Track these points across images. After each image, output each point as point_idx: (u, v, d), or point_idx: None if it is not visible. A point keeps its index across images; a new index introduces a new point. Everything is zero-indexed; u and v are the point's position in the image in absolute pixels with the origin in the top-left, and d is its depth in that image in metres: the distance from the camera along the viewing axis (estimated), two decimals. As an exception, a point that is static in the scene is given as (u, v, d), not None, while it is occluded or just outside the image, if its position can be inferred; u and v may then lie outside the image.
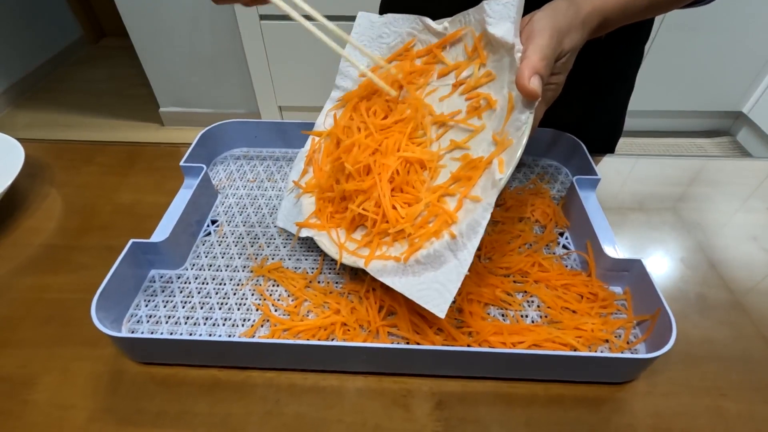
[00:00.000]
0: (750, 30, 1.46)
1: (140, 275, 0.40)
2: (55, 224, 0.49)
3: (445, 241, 0.34)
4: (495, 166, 0.34)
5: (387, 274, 0.35)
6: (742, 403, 0.34)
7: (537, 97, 0.31)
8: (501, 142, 0.34)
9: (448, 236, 0.34)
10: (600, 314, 0.38)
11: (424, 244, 0.35)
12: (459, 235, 0.33)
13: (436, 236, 0.35)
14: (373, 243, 0.37)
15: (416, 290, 0.33)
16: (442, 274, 0.33)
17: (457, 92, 0.40)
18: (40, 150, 0.59)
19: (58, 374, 0.36)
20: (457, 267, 0.32)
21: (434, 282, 0.33)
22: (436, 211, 0.35)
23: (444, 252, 0.33)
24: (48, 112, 1.99)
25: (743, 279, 0.43)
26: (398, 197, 0.37)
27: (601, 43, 0.53)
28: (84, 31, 2.43)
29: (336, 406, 0.34)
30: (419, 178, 0.38)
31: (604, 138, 0.62)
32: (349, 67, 0.46)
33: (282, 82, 1.60)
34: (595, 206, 0.44)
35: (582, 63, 0.55)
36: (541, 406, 0.34)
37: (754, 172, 0.56)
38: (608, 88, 0.58)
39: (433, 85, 0.42)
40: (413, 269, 0.35)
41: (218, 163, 0.55)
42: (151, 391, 0.35)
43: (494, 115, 0.37)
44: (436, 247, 0.34)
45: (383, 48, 0.44)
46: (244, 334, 0.37)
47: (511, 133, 0.33)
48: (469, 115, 0.38)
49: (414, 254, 0.35)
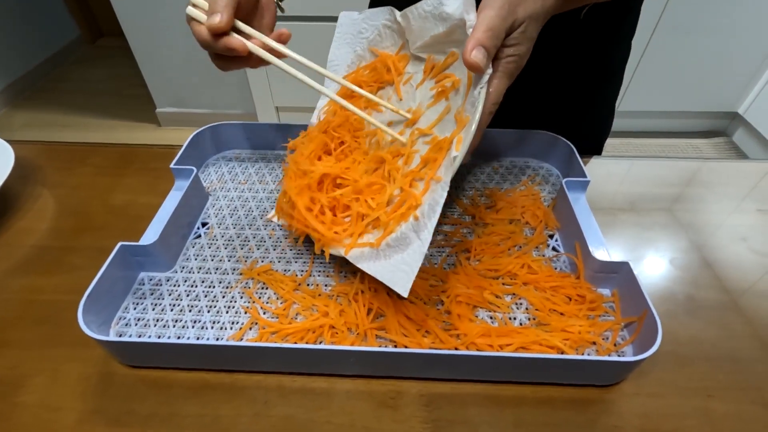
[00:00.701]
0: (746, 31, 1.46)
1: (129, 278, 0.41)
2: (47, 225, 0.49)
3: (410, 223, 0.35)
4: (454, 145, 0.34)
5: (364, 260, 0.36)
6: (730, 404, 0.34)
7: (479, 69, 0.30)
8: (460, 120, 0.35)
9: (413, 218, 0.35)
10: (588, 316, 0.38)
11: (394, 228, 0.36)
12: (421, 216, 0.34)
13: (404, 219, 0.36)
14: (355, 234, 0.38)
15: (387, 273, 0.34)
16: (408, 255, 0.34)
17: (428, 77, 0.41)
18: (33, 151, 0.59)
19: (48, 376, 0.36)
20: (419, 247, 0.33)
21: (402, 263, 0.34)
22: (407, 196, 0.36)
23: (409, 234, 0.34)
24: (45, 112, 1.99)
25: (732, 279, 0.43)
26: (370, 188, 0.39)
27: (587, 39, 0.53)
28: (81, 31, 2.43)
29: (325, 407, 0.34)
30: (395, 167, 0.39)
31: (592, 136, 0.62)
32: (336, 65, 0.47)
33: (279, 82, 1.60)
34: (585, 208, 0.44)
35: (568, 59, 0.55)
36: (529, 408, 0.34)
37: (745, 174, 0.56)
38: (595, 85, 0.58)
39: (408, 73, 0.43)
40: (385, 253, 0.36)
41: (210, 165, 0.55)
42: (141, 393, 0.35)
43: (458, 95, 0.37)
44: (402, 230, 0.35)
45: (363, 42, 0.46)
46: (232, 337, 0.37)
47: (467, 111, 0.34)
48: (437, 98, 0.39)
49: (386, 239, 0.36)
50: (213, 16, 0.35)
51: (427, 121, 0.39)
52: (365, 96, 0.41)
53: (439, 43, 0.38)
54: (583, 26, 0.52)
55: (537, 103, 0.58)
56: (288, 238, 0.45)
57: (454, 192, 0.51)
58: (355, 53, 0.47)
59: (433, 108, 0.39)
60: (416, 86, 0.42)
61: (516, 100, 0.58)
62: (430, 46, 0.39)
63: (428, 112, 0.39)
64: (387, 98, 0.44)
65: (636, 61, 1.55)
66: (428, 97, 0.40)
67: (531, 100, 0.58)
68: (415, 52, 0.42)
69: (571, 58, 0.55)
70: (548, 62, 0.55)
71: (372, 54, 0.46)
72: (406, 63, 0.43)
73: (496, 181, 0.53)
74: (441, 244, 0.45)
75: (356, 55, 0.47)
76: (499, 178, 0.53)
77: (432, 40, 0.38)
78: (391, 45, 0.44)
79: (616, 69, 0.59)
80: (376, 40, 0.45)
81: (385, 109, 0.44)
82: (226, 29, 0.36)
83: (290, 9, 1.39)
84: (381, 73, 0.44)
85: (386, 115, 0.44)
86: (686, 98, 1.66)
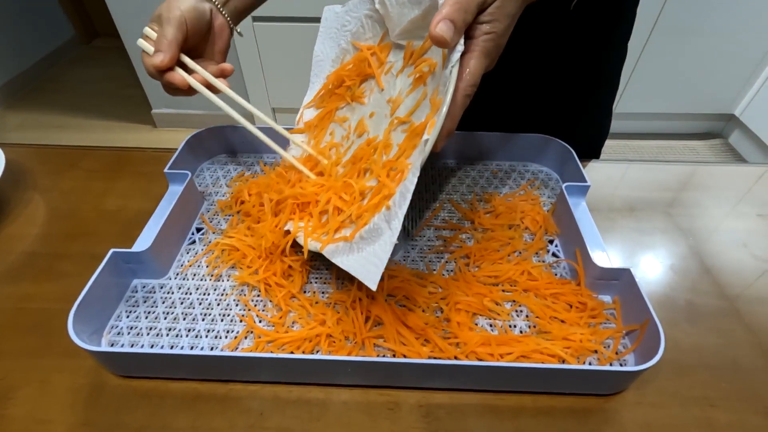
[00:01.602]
0: (742, 33, 1.46)
1: (122, 285, 0.40)
2: (37, 231, 0.48)
3: (383, 213, 0.34)
4: (427, 129, 0.33)
5: (338, 255, 0.36)
6: (732, 414, 0.34)
7: (445, 42, 0.29)
8: (434, 103, 0.33)
9: (385, 208, 0.34)
10: (589, 324, 0.37)
11: (368, 219, 0.35)
12: (393, 205, 0.33)
13: (378, 210, 0.35)
14: (331, 230, 0.38)
15: (360, 266, 0.33)
16: (378, 246, 0.33)
17: (408, 64, 0.40)
18: (24, 155, 0.58)
19: (36, 387, 0.35)
20: (389, 237, 0.32)
21: (373, 256, 0.33)
22: (382, 187, 0.36)
23: (381, 224, 0.34)
24: (40, 113, 1.97)
25: (733, 286, 0.43)
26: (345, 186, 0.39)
27: (582, 43, 0.52)
28: (76, 31, 2.41)
29: (321, 419, 0.33)
30: (373, 159, 0.39)
31: (590, 139, 0.62)
32: (321, 60, 0.47)
33: (275, 83, 1.59)
34: (585, 214, 0.44)
35: (563, 63, 0.55)
36: (529, 418, 0.34)
37: (744, 177, 0.56)
38: (591, 89, 0.58)
39: (390, 62, 0.42)
40: (358, 245, 0.35)
41: (205, 169, 0.54)
42: (132, 405, 0.34)
43: (435, 80, 0.36)
44: (375, 221, 0.34)
45: (347, 35, 0.45)
46: (227, 346, 0.36)
47: (440, 93, 0.32)
48: (415, 84, 0.38)
49: (359, 231, 0.35)
50: (156, 55, 0.39)
51: (406, 108, 0.38)
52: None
53: (417, 28, 0.37)
54: (577, 30, 0.51)
55: (532, 106, 0.58)
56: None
57: (452, 196, 0.51)
58: (339, 47, 0.46)
59: (411, 95, 0.39)
60: (396, 74, 0.41)
61: (511, 103, 0.57)
62: (408, 32, 0.39)
63: (407, 100, 0.39)
64: (369, 90, 0.44)
65: (633, 63, 1.55)
66: (407, 84, 0.39)
67: (526, 104, 0.58)
68: (395, 39, 0.41)
69: (566, 62, 0.54)
70: (543, 66, 0.54)
71: (355, 48, 0.45)
72: (388, 52, 0.43)
73: (495, 186, 0.52)
74: (440, 250, 0.44)
75: (341, 49, 0.46)
76: (498, 182, 0.53)
77: (410, 26, 0.37)
78: (374, 36, 0.44)
79: (611, 72, 0.58)
80: (359, 32, 0.44)
81: (366, 99, 0.44)
82: (168, 66, 0.40)
83: (272, 10, 1.38)
84: (363, 67, 0.44)
85: (368, 107, 0.44)
86: (683, 100, 1.67)
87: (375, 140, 0.41)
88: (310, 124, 0.48)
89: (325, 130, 0.47)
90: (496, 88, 0.53)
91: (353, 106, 0.45)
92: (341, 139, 0.45)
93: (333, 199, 0.39)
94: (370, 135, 0.42)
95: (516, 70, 0.53)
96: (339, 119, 0.46)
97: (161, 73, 0.40)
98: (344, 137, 0.45)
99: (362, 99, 0.44)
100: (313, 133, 0.47)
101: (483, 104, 0.34)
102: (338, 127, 0.46)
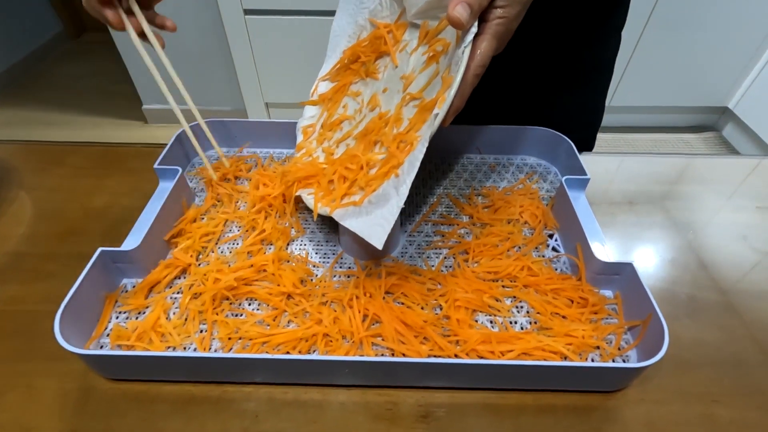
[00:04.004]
0: (736, 26, 1.46)
1: (110, 285, 0.38)
2: (23, 230, 0.47)
3: (392, 180, 0.36)
4: (438, 103, 0.34)
5: (347, 218, 0.38)
6: (735, 410, 0.34)
7: (461, 23, 0.30)
8: (446, 80, 0.35)
9: (394, 176, 0.36)
10: (590, 320, 0.37)
11: (377, 186, 0.38)
12: (401, 173, 0.36)
13: (387, 177, 0.37)
14: (337, 199, 0.40)
15: (367, 227, 0.35)
16: (386, 210, 0.35)
17: (422, 43, 0.41)
18: (9, 151, 0.56)
19: (22, 392, 0.34)
20: (397, 201, 0.34)
21: (380, 218, 0.35)
22: (391, 157, 0.38)
23: (389, 190, 0.36)
24: (27, 110, 1.93)
25: (733, 280, 0.43)
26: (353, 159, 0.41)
27: (574, 32, 0.52)
28: (64, 25, 2.36)
29: (318, 420, 0.32)
30: (385, 132, 0.41)
31: (581, 130, 0.61)
32: (338, 35, 0.48)
33: (268, 78, 1.57)
34: (585, 207, 0.43)
35: (555, 52, 0.54)
36: (530, 416, 0.33)
37: (742, 170, 0.55)
38: (585, 77, 0.57)
39: (405, 40, 0.43)
40: (367, 209, 0.37)
41: (196, 164, 0.53)
42: (123, 409, 0.33)
43: (447, 59, 0.37)
44: (384, 187, 0.37)
45: (365, 13, 0.46)
46: (220, 347, 0.35)
47: (452, 71, 0.34)
48: (428, 63, 0.39)
49: (368, 196, 0.38)
50: None
51: (418, 85, 0.40)
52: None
53: (433, 9, 0.39)
54: (572, 17, 0.50)
55: (524, 95, 0.57)
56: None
57: (450, 191, 0.50)
58: (356, 24, 0.47)
59: (424, 72, 0.40)
60: (410, 53, 0.42)
61: (503, 92, 0.56)
62: (425, 12, 0.40)
63: (420, 77, 0.40)
64: (384, 67, 0.46)
65: (627, 56, 1.54)
66: (421, 62, 0.41)
67: (518, 93, 0.57)
68: (411, 19, 0.42)
69: (560, 50, 0.53)
70: (536, 54, 0.53)
71: (372, 25, 0.46)
72: (404, 31, 0.44)
73: (493, 180, 0.51)
74: (438, 246, 0.43)
75: (358, 26, 0.47)
76: (496, 176, 0.52)
77: (426, 6, 0.39)
78: (391, 14, 0.45)
79: (606, 61, 0.58)
80: (377, 9, 0.46)
81: (380, 75, 0.45)
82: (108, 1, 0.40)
83: (265, 2, 1.36)
84: (378, 44, 0.45)
85: (381, 83, 0.45)
86: (677, 93, 1.67)
87: (387, 114, 0.42)
88: (325, 96, 0.49)
89: (338, 104, 0.48)
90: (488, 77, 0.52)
91: (367, 81, 0.46)
92: (354, 113, 0.46)
93: (339, 170, 0.41)
94: (382, 109, 0.43)
95: (509, 57, 0.52)
96: (352, 93, 0.47)
97: (101, 4, 0.40)
98: (357, 111, 0.46)
99: (376, 75, 0.46)
100: (327, 106, 0.48)
101: (475, 93, 0.34)
102: (351, 101, 0.47)
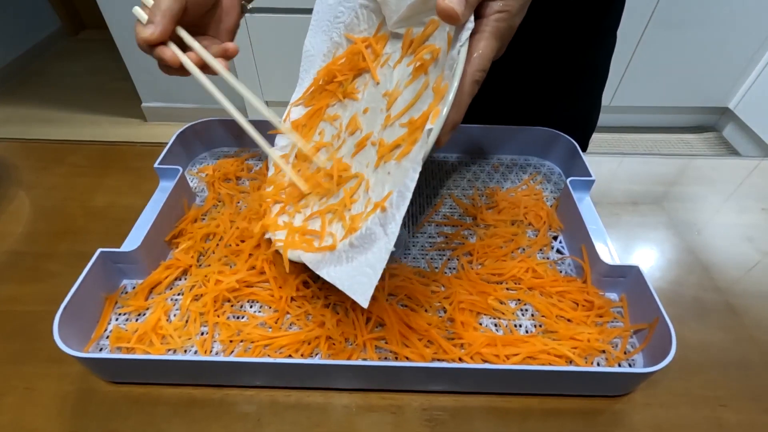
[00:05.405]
0: (736, 26, 1.46)
1: (110, 286, 0.38)
2: (22, 229, 0.46)
3: (376, 216, 0.30)
4: (430, 118, 0.29)
5: (324, 265, 0.33)
6: (742, 413, 0.33)
7: (455, 15, 0.25)
8: (438, 91, 0.30)
9: (379, 210, 0.30)
10: (596, 323, 0.36)
11: (358, 224, 0.32)
12: (389, 206, 0.29)
13: (371, 213, 0.32)
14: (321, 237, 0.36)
15: (347, 278, 0.30)
16: (372, 255, 0.30)
17: (407, 53, 0.36)
18: (8, 149, 0.55)
19: (21, 394, 0.33)
20: (385, 244, 0.29)
21: (365, 266, 0.30)
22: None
23: (375, 229, 0.30)
24: (25, 108, 1.92)
25: (740, 281, 0.42)
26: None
27: (568, 31, 0.51)
28: (63, 22, 2.35)
29: (321, 424, 0.32)
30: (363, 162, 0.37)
31: (576, 130, 0.61)
32: (312, 55, 0.44)
33: (268, 76, 1.56)
34: (590, 209, 0.43)
35: (550, 51, 0.53)
36: (536, 420, 0.33)
37: (746, 171, 0.55)
38: (579, 77, 0.57)
39: (386, 53, 0.39)
40: (348, 254, 0.32)
41: (197, 163, 0.53)
42: (123, 412, 0.32)
43: (438, 67, 0.32)
44: (368, 225, 0.31)
45: (340, 28, 0.42)
46: (222, 349, 0.35)
47: (446, 77, 0.29)
48: (415, 74, 0.34)
49: (348, 237, 0.32)
50: (147, 27, 0.35)
51: (404, 101, 0.35)
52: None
53: (416, 14, 0.34)
54: (566, 17, 0.50)
55: (519, 95, 0.57)
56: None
57: (453, 191, 0.49)
58: (331, 41, 0.43)
59: (410, 86, 0.35)
60: (393, 65, 0.38)
61: (496, 92, 0.56)
62: (407, 18, 0.35)
63: (405, 92, 0.35)
64: (363, 85, 0.41)
65: (628, 56, 1.54)
66: (406, 74, 0.36)
67: (513, 93, 0.56)
68: (392, 28, 0.38)
69: (554, 50, 0.53)
70: (530, 54, 0.53)
71: (348, 41, 0.42)
72: (384, 43, 0.39)
73: (497, 180, 0.51)
74: (441, 247, 0.43)
75: (333, 43, 0.43)
76: (500, 176, 0.51)
77: (409, 11, 0.34)
78: (369, 27, 0.41)
79: (600, 61, 0.57)
80: (353, 23, 0.41)
81: (360, 95, 0.41)
82: (160, 41, 0.36)
83: (265, 0, 1.35)
84: (356, 61, 0.41)
85: (361, 103, 0.40)
86: (677, 93, 1.67)
87: (370, 137, 0.38)
88: (298, 123, 0.44)
89: (314, 130, 0.44)
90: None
91: (345, 102, 0.42)
92: (331, 138, 0.42)
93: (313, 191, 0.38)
94: (363, 132, 0.38)
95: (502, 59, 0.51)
96: (329, 117, 0.43)
97: (151, 47, 0.37)
98: (334, 136, 0.42)
99: (355, 95, 0.41)
100: (301, 133, 0.44)
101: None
102: (328, 126, 0.43)
